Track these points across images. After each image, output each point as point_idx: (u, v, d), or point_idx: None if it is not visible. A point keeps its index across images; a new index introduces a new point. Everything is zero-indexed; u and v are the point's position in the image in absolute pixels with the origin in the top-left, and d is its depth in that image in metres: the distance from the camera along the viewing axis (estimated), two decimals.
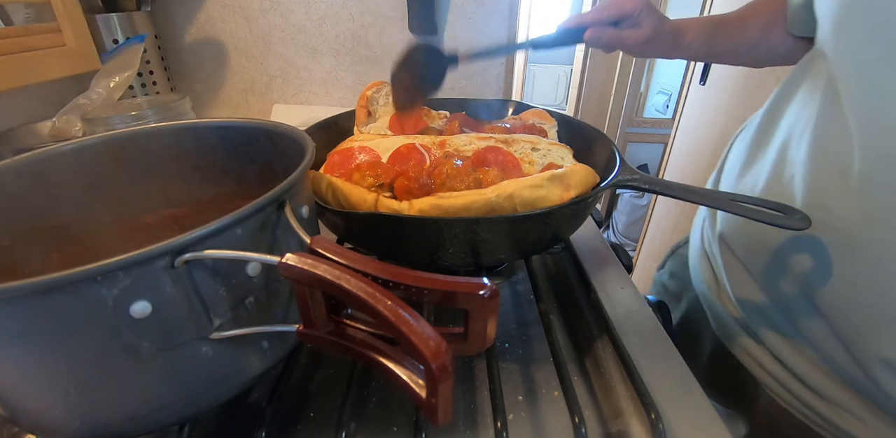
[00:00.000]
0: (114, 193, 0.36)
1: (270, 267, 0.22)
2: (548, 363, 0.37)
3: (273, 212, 0.25)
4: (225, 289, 0.23)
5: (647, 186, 0.37)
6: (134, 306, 0.20)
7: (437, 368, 0.16)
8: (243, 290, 0.24)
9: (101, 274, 0.19)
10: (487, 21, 0.81)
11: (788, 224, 0.31)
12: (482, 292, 0.20)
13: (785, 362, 0.41)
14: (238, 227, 0.23)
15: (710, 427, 0.32)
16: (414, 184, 0.39)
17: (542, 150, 0.46)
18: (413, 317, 0.17)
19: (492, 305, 0.20)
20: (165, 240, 0.20)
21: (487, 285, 0.20)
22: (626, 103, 2.02)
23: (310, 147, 0.30)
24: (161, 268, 0.20)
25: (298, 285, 0.20)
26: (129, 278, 0.20)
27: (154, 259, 0.20)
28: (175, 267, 0.21)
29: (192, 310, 0.22)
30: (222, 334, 0.23)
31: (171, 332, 0.22)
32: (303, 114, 0.88)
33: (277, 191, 0.24)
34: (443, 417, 0.18)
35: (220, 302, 0.23)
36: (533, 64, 2.77)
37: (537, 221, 0.35)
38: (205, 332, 0.23)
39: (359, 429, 0.32)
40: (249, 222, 0.23)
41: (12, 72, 0.57)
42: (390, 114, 0.54)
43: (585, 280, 0.44)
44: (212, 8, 0.82)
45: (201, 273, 0.22)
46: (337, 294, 0.19)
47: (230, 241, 0.22)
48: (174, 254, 0.20)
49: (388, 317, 0.17)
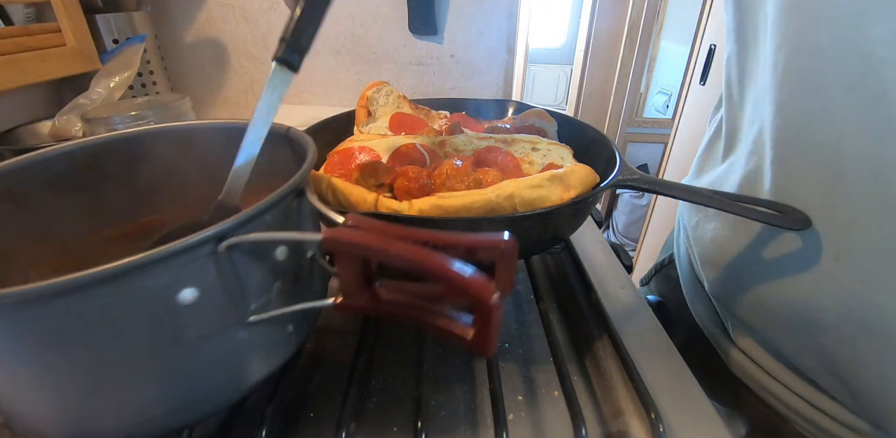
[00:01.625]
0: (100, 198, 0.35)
1: (296, 251, 0.25)
2: (548, 363, 0.37)
3: (293, 199, 0.27)
4: (259, 273, 0.24)
5: (647, 186, 0.37)
6: (182, 293, 0.21)
7: (489, 301, 0.19)
8: (274, 274, 0.25)
9: (151, 264, 0.19)
10: (487, 21, 0.81)
11: (788, 224, 0.31)
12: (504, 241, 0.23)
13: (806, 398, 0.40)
14: (268, 214, 0.24)
15: (710, 427, 0.32)
16: (414, 184, 0.39)
17: (542, 150, 0.46)
18: (457, 263, 0.20)
19: (513, 252, 0.23)
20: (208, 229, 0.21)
21: (506, 237, 0.22)
22: (626, 103, 2.02)
23: (310, 145, 0.31)
24: (205, 255, 0.21)
25: (341, 257, 0.22)
26: (177, 266, 0.20)
27: (199, 245, 0.21)
28: (218, 253, 0.21)
29: (232, 295, 0.23)
30: (260, 316, 0.24)
31: (214, 318, 0.23)
32: (303, 114, 0.88)
33: (297, 179, 0.26)
34: (493, 348, 0.21)
35: (256, 286, 0.24)
36: (533, 64, 2.78)
37: (537, 221, 0.35)
38: (243, 316, 0.24)
39: (359, 429, 0.32)
40: (276, 209, 0.25)
41: (12, 72, 0.57)
42: (390, 114, 0.54)
43: (585, 280, 0.44)
44: (212, 8, 0.82)
45: (239, 258, 0.23)
46: (382, 258, 0.21)
47: (262, 227, 0.23)
48: (217, 240, 0.21)
49: (436, 267, 0.19)
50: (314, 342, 0.39)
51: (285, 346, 0.28)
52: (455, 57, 0.84)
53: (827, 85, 0.31)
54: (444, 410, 0.33)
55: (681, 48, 1.95)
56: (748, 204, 0.33)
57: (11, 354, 0.21)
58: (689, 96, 1.27)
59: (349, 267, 0.22)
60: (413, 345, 0.39)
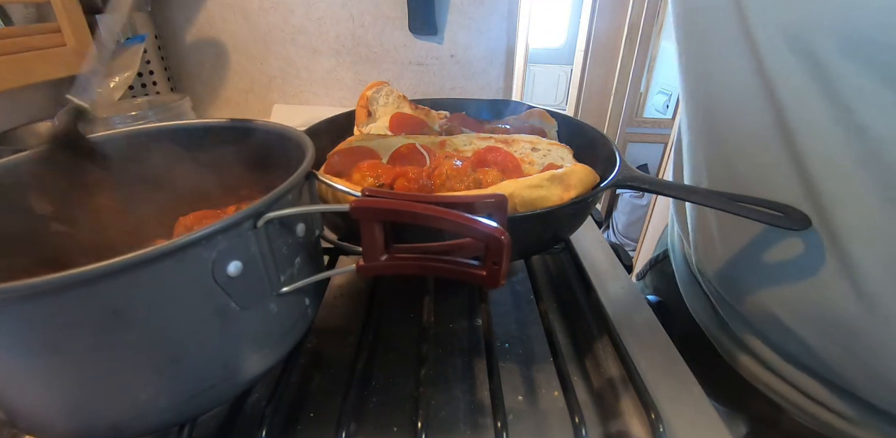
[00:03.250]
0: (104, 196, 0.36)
1: (311, 229, 0.29)
2: (548, 363, 0.37)
3: (303, 182, 0.29)
4: (287, 248, 0.27)
5: (647, 186, 0.37)
6: (230, 265, 0.23)
7: (502, 238, 0.23)
8: (297, 248, 0.28)
9: (205, 239, 0.21)
10: (487, 21, 0.81)
11: (788, 224, 0.31)
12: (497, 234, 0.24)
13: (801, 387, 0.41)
14: (290, 194, 0.26)
15: (710, 427, 0.32)
16: (414, 184, 0.39)
17: (542, 150, 0.46)
18: (470, 215, 0.24)
19: (503, 205, 0.27)
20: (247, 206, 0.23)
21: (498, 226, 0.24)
22: (626, 103, 2.02)
23: (308, 146, 0.31)
24: (248, 229, 0.23)
25: (365, 224, 0.25)
26: (225, 240, 0.22)
27: (243, 220, 0.23)
28: (257, 228, 0.24)
29: (268, 267, 0.25)
30: (290, 286, 0.27)
31: (254, 289, 0.25)
32: (303, 114, 0.88)
33: (306, 166, 0.28)
34: (504, 280, 0.25)
35: (284, 259, 0.27)
36: (533, 64, 2.77)
37: (537, 221, 0.35)
38: (276, 286, 0.26)
39: (359, 429, 0.32)
40: (295, 190, 0.27)
41: (12, 72, 0.57)
42: (390, 114, 0.54)
43: (585, 280, 0.44)
44: (212, 8, 0.82)
45: (273, 233, 0.25)
46: (407, 218, 0.24)
47: (286, 205, 0.25)
48: (256, 216, 0.24)
49: (456, 218, 0.23)
50: (314, 342, 0.40)
51: (302, 320, 0.30)
52: (455, 57, 0.84)
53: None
54: (444, 410, 0.33)
55: None
56: (748, 204, 0.33)
57: (16, 350, 0.21)
58: None
59: (371, 232, 0.25)
60: (413, 345, 0.39)
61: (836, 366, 0.36)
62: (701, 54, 0.38)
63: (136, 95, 0.78)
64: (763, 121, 0.32)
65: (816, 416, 0.40)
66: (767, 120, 0.32)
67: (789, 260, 0.36)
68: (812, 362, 0.38)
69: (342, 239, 0.48)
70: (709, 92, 0.38)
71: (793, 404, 0.42)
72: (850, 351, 0.34)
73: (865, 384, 0.35)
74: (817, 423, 0.41)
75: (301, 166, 0.28)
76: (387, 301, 0.44)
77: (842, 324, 0.33)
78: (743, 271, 0.41)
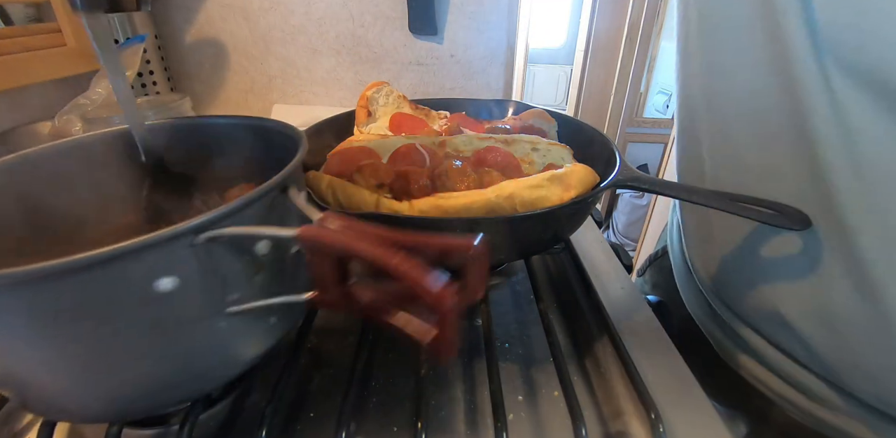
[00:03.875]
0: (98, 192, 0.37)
1: (278, 245, 0.26)
2: (548, 363, 0.37)
3: (277, 194, 0.27)
4: (240, 266, 0.25)
5: (647, 186, 0.37)
6: (161, 281, 0.22)
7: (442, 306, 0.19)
8: (255, 267, 0.26)
9: (133, 252, 0.20)
10: (487, 21, 0.81)
11: (787, 224, 0.31)
12: (475, 244, 0.22)
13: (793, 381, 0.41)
14: (249, 208, 0.24)
15: (710, 427, 0.32)
16: (414, 184, 0.39)
17: (542, 150, 0.46)
18: (420, 268, 0.20)
19: (482, 255, 0.23)
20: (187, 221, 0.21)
21: (477, 241, 0.22)
22: (626, 103, 2.02)
23: (302, 139, 0.32)
24: (185, 246, 0.22)
25: (314, 254, 0.23)
26: (157, 255, 0.21)
27: (178, 237, 0.21)
28: (195, 245, 0.22)
29: (212, 286, 0.24)
30: (239, 307, 0.25)
31: (194, 306, 0.24)
32: (303, 114, 0.88)
33: (282, 175, 0.26)
34: (448, 352, 0.21)
35: (236, 278, 0.25)
36: (533, 64, 2.77)
37: (537, 221, 0.36)
38: (223, 306, 0.25)
39: (359, 429, 0.32)
40: (259, 204, 0.25)
41: (12, 72, 0.57)
42: (390, 114, 0.54)
43: (585, 280, 0.44)
44: (212, 8, 0.82)
45: (219, 250, 0.24)
46: (352, 257, 0.22)
47: (243, 221, 0.24)
48: (195, 232, 0.22)
49: (395, 269, 0.20)
50: (314, 342, 0.40)
51: (266, 337, 0.29)
52: (455, 57, 0.84)
53: None
54: (444, 410, 0.33)
55: None
56: (748, 204, 0.33)
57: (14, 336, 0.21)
58: None
59: (322, 263, 0.23)
60: (413, 345, 0.39)
61: (832, 363, 0.36)
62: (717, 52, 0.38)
63: (136, 95, 0.78)
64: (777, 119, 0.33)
65: (813, 413, 0.40)
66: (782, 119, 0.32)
67: (787, 258, 0.36)
68: (808, 359, 0.38)
69: None
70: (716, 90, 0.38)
71: (784, 398, 0.42)
72: (849, 350, 0.34)
73: (861, 381, 0.35)
74: (807, 416, 0.41)
75: (267, 183, 0.25)
76: None
77: (841, 323, 0.33)
78: (739, 270, 0.41)
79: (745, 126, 0.36)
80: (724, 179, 0.40)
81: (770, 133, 0.34)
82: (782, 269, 0.37)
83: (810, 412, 0.40)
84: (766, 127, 0.34)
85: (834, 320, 0.34)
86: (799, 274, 0.35)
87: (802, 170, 0.32)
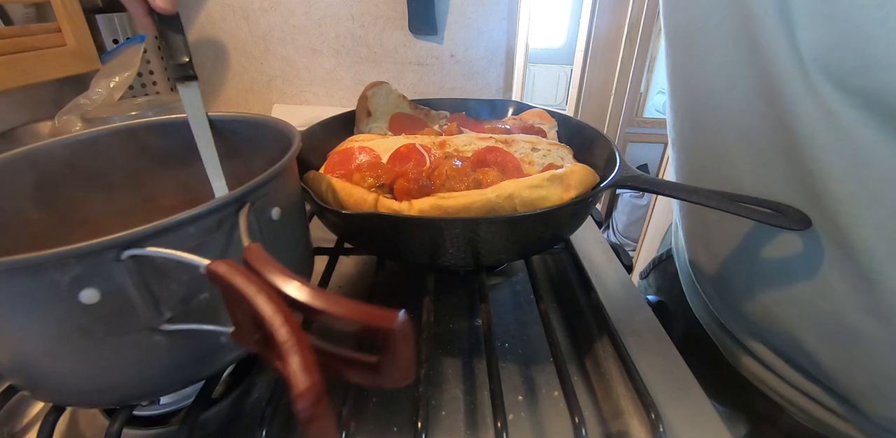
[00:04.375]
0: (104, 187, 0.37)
1: None
2: (548, 363, 0.37)
3: (232, 213, 0.25)
4: (177, 284, 0.24)
5: (647, 186, 0.37)
6: (84, 292, 0.22)
7: (300, 407, 0.15)
8: (195, 287, 0.25)
9: (56, 261, 0.20)
10: (487, 21, 0.81)
11: (787, 224, 0.31)
12: (392, 325, 0.18)
13: (796, 384, 0.41)
14: (191, 226, 0.23)
15: (710, 427, 0.32)
16: (414, 184, 0.39)
17: (542, 150, 0.46)
18: (299, 351, 0.17)
19: (403, 337, 0.18)
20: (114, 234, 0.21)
21: (399, 318, 0.18)
22: (626, 103, 2.02)
23: (293, 147, 0.31)
24: (109, 260, 0.21)
25: (224, 291, 0.20)
26: (80, 266, 0.21)
27: (102, 251, 0.21)
28: (121, 260, 0.22)
29: (140, 301, 0.23)
30: (172, 327, 0.24)
31: (121, 320, 0.23)
32: (303, 114, 0.88)
33: (239, 191, 0.25)
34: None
35: (171, 296, 0.24)
36: (533, 64, 2.78)
37: (537, 221, 0.36)
38: (155, 323, 0.24)
39: (359, 429, 0.32)
40: (205, 221, 0.24)
41: (12, 72, 0.57)
42: (390, 114, 0.54)
43: (585, 280, 0.44)
44: (212, 8, 0.82)
45: (151, 267, 0.23)
46: (242, 301, 0.19)
47: (182, 239, 0.23)
48: (120, 248, 0.21)
49: (279, 342, 0.17)
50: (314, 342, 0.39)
51: (218, 356, 0.28)
52: (455, 57, 0.84)
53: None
54: (444, 410, 0.33)
55: None
56: (748, 204, 0.33)
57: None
58: None
59: (229, 300, 0.20)
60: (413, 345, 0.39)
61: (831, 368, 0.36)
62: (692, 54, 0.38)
63: (136, 95, 0.78)
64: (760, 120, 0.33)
65: (814, 415, 0.40)
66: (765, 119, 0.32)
67: (786, 259, 0.36)
68: (815, 370, 0.38)
69: (342, 240, 0.48)
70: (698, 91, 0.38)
71: (792, 403, 0.42)
72: (849, 353, 0.34)
73: (862, 387, 0.35)
74: (814, 421, 0.41)
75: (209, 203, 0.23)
76: (387, 301, 0.44)
77: (841, 323, 0.33)
78: (737, 274, 0.41)
79: (736, 147, 0.36)
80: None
81: (762, 155, 0.34)
82: (779, 272, 0.37)
83: (820, 419, 0.40)
84: (757, 148, 0.34)
85: (840, 332, 0.34)
86: (797, 277, 0.35)
87: (800, 195, 0.32)
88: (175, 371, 0.27)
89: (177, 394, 0.34)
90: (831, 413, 0.38)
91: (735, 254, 0.41)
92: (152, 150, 0.39)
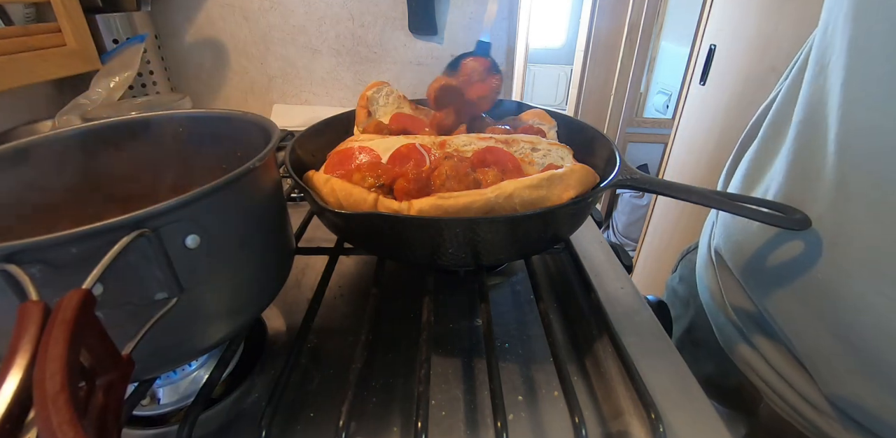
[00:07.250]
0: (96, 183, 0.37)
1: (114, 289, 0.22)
2: (548, 363, 0.37)
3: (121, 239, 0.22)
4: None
5: (647, 186, 0.37)
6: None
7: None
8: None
9: None
10: None
11: (788, 224, 0.31)
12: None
13: (780, 371, 0.41)
14: (73, 246, 0.21)
15: (710, 427, 0.32)
16: (414, 184, 0.39)
17: (542, 151, 0.46)
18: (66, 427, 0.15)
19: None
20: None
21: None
22: (626, 103, 2.02)
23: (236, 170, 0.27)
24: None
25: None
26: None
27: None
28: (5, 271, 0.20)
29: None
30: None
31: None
32: (303, 114, 0.88)
33: (135, 215, 0.22)
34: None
35: None
36: (533, 64, 2.78)
37: (537, 221, 0.35)
38: None
39: (359, 429, 0.32)
40: (91, 243, 0.21)
41: (12, 72, 0.57)
42: (390, 114, 0.54)
43: (585, 280, 0.44)
44: (212, 8, 0.82)
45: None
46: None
47: (65, 259, 0.21)
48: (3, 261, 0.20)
49: (41, 417, 0.15)
50: (314, 342, 0.40)
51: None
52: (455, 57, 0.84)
53: None
54: (444, 410, 0.33)
55: (681, 48, 1.95)
56: (748, 203, 0.33)
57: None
58: (689, 96, 1.27)
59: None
60: (413, 345, 0.39)
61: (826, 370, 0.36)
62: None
63: (136, 95, 0.78)
64: None
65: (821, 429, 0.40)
66: None
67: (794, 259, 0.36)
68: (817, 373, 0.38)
69: (342, 240, 0.48)
70: None
71: (774, 390, 0.42)
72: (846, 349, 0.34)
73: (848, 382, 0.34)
74: (792, 412, 0.41)
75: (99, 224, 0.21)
76: (387, 301, 0.44)
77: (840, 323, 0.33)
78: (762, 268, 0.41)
79: None
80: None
81: None
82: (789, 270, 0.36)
83: (819, 427, 0.39)
84: None
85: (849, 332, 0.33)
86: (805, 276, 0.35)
87: None
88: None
89: (177, 394, 0.34)
90: (835, 421, 0.38)
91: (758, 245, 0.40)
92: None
